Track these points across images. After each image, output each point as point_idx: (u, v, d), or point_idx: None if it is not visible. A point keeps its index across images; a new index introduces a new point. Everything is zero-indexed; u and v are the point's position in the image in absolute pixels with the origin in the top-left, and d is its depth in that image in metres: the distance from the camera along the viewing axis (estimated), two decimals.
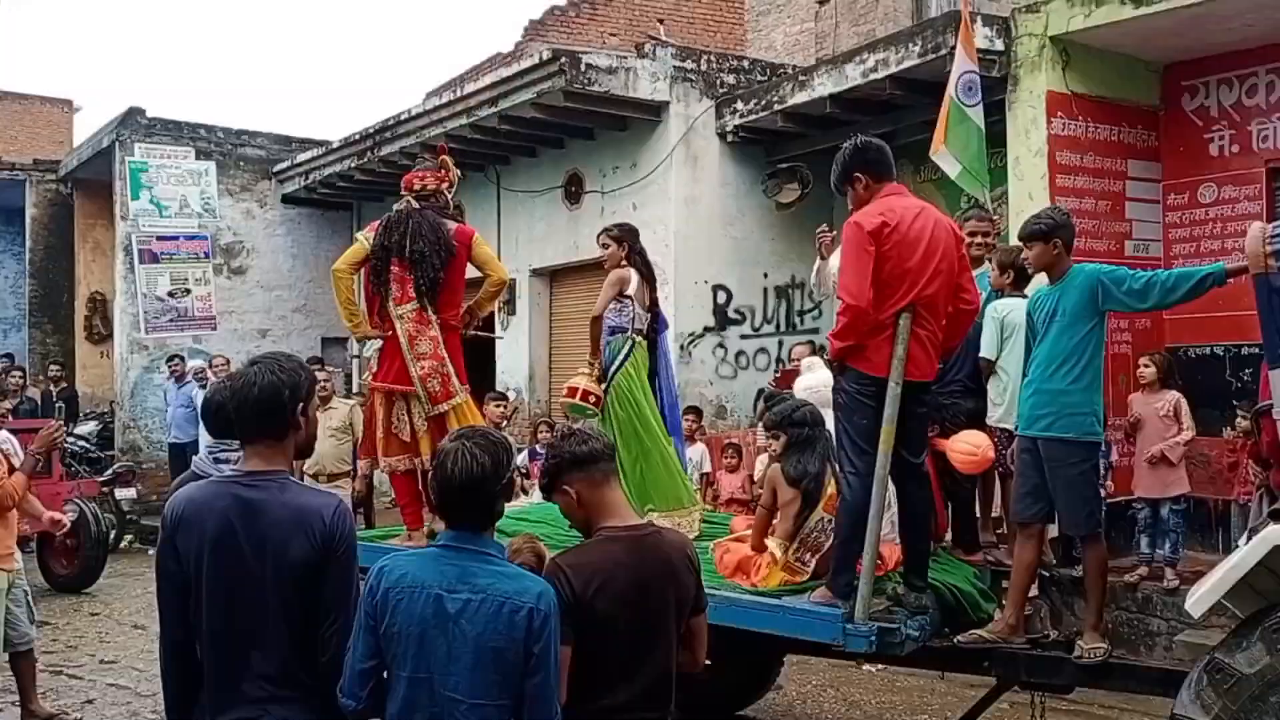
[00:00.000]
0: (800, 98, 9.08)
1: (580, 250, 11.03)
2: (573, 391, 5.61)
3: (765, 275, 10.23)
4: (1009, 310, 5.06)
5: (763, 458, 5.74)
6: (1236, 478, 6.64)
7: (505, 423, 8.85)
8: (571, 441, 2.78)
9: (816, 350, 9.55)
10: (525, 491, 7.93)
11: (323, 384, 8.90)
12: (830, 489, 4.36)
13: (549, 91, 9.64)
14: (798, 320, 10.37)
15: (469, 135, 11.04)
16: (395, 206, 5.34)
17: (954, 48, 7.68)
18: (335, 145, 13.42)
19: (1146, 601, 6.37)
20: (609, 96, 9.71)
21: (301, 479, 8.48)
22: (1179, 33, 7.19)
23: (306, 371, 2.70)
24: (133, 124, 13.88)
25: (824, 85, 8.86)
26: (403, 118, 11.88)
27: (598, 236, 5.81)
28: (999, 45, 7.72)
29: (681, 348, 9.77)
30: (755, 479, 8.03)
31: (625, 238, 5.65)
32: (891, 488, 4.21)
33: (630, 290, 5.55)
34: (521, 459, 8.51)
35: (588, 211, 10.93)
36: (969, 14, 6.32)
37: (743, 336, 10.11)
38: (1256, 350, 5.49)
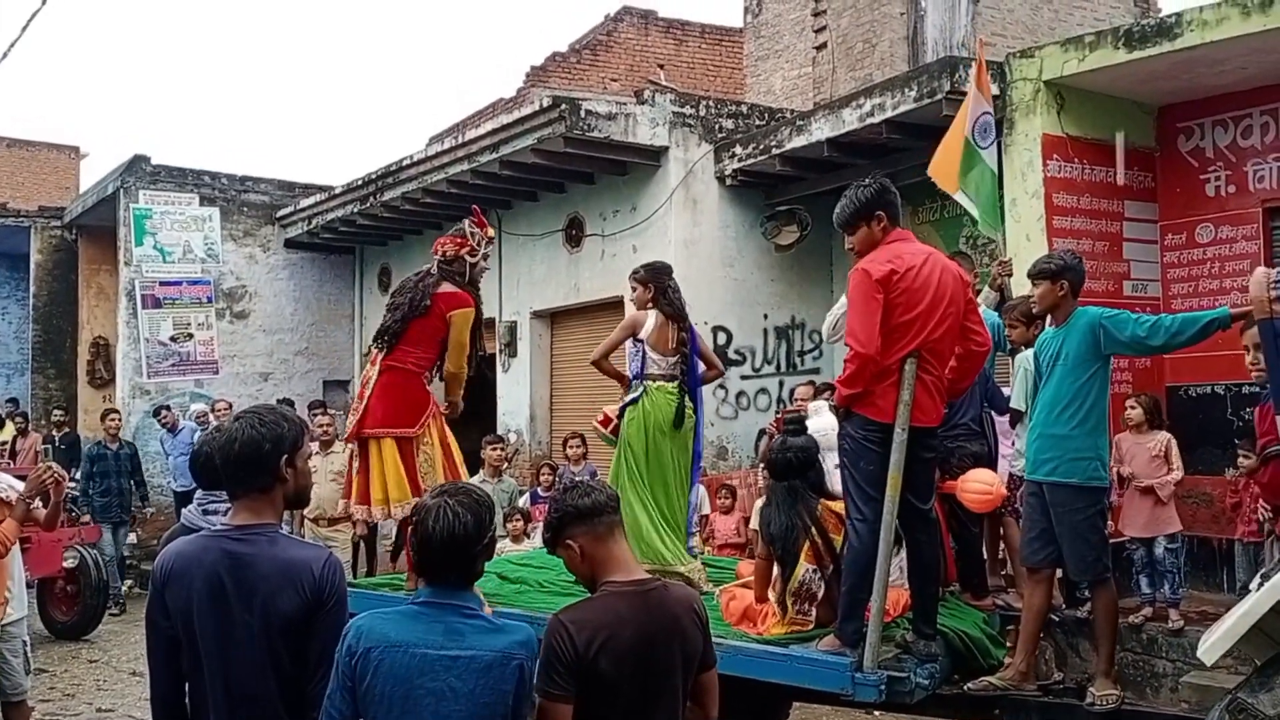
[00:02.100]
0: (798, 142, 9.15)
1: (581, 292, 11.07)
2: (605, 421, 5.64)
3: (765, 316, 10.25)
4: None
5: (759, 502, 5.72)
6: (1240, 516, 6.59)
7: (506, 465, 8.83)
8: (574, 494, 2.74)
9: (819, 391, 9.57)
10: (528, 535, 7.90)
11: (325, 428, 8.93)
12: (806, 542, 4.31)
13: (549, 138, 9.73)
14: (798, 361, 10.37)
15: (470, 180, 11.13)
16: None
17: (950, 92, 7.78)
18: (338, 190, 13.53)
19: (1151, 643, 6.29)
20: (609, 142, 9.80)
21: (302, 523, 8.53)
22: (1173, 76, 7.26)
23: (292, 423, 2.69)
24: (137, 171, 14.03)
25: (821, 129, 8.93)
26: (405, 163, 11.99)
27: (630, 278, 5.65)
28: (994, 90, 7.78)
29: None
30: (751, 522, 7.97)
31: (651, 279, 5.46)
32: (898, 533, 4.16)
33: (643, 334, 5.36)
34: (523, 501, 8.48)
35: (588, 254, 10.99)
36: (984, 56, 6.35)
37: (743, 377, 10.11)
38: (1257, 389, 5.48)
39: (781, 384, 10.17)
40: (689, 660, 2.67)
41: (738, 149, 9.87)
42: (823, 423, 4.94)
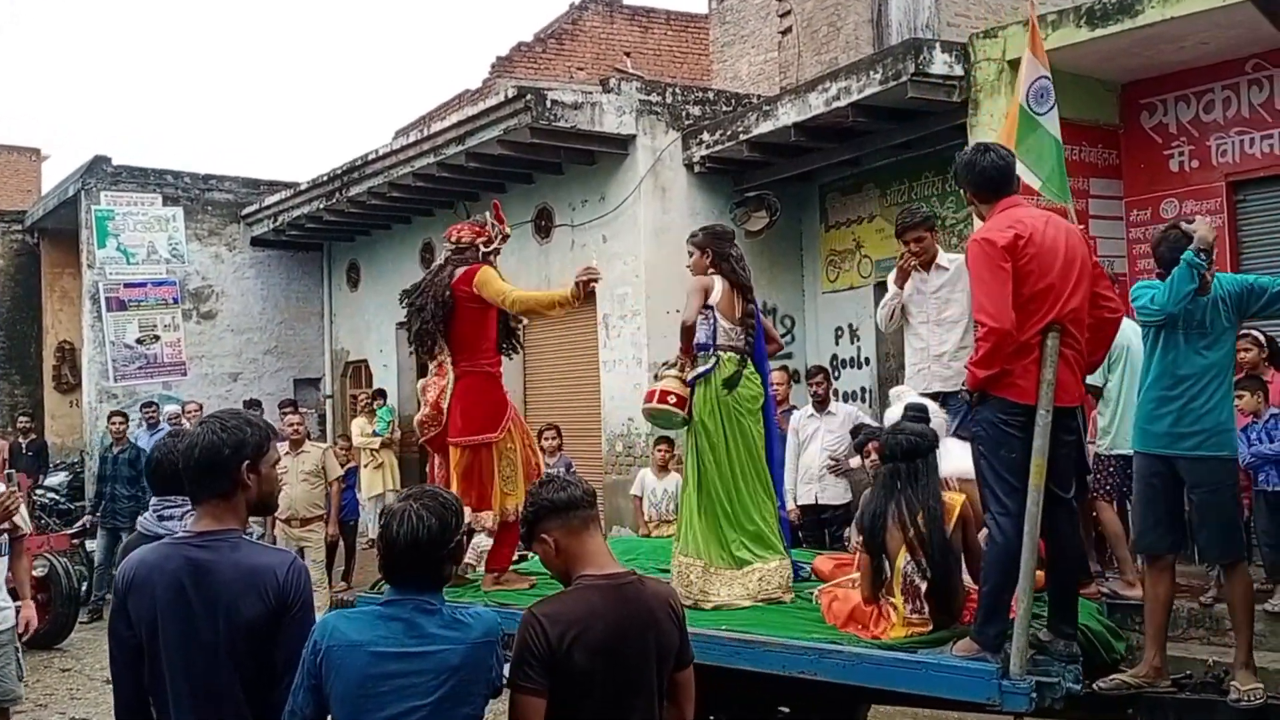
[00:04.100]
0: (765, 127, 9.13)
1: (552, 283, 11.00)
2: (650, 395, 4.87)
3: None
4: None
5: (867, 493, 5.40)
6: None
7: None
8: (549, 489, 2.71)
9: (792, 376, 9.56)
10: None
11: (295, 427, 8.83)
12: (899, 533, 3.94)
13: (516, 128, 9.66)
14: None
15: (437, 173, 11.04)
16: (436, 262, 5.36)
17: (914, 74, 7.78)
18: (303, 187, 13.39)
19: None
20: (575, 131, 9.73)
21: (274, 525, 8.44)
22: (1135, 53, 7.29)
23: (256, 428, 2.65)
24: (98, 172, 13.81)
25: (788, 114, 8.92)
26: (370, 158, 11.88)
27: (687, 241, 5.17)
28: (958, 70, 7.80)
29: (655, 377, 9.72)
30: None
31: (708, 244, 5.00)
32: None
33: (713, 299, 4.83)
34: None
35: (558, 245, 10.93)
36: (1035, 18, 6.15)
37: None
38: None
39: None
40: (664, 655, 2.65)
41: (705, 136, 9.84)
42: (900, 410, 4.56)
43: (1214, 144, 7.58)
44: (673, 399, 4.75)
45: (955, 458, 4.21)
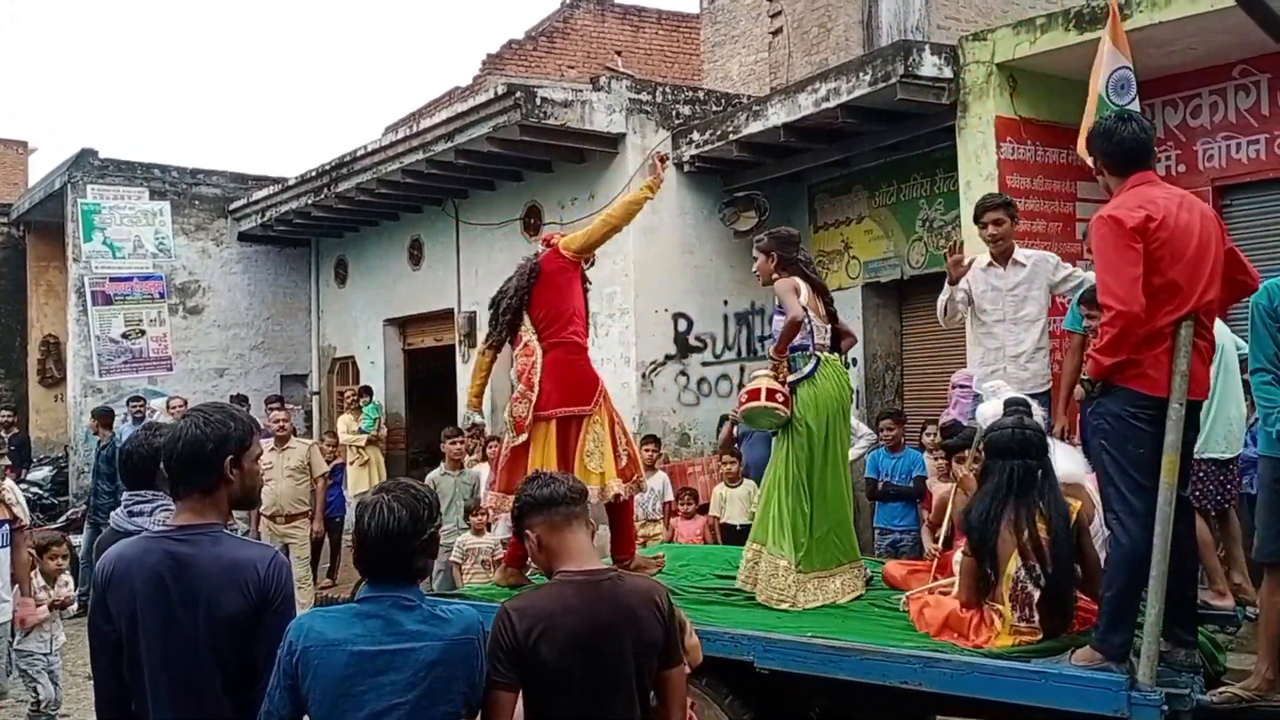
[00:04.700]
0: (755, 127, 9.14)
1: None
2: (754, 394, 4.66)
3: (725, 302, 10.25)
4: None
5: (947, 488, 5.05)
6: None
7: (469, 457, 8.75)
8: (533, 485, 2.77)
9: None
10: (488, 527, 7.85)
11: (281, 423, 8.80)
12: (1012, 536, 3.74)
13: (505, 125, 9.64)
14: (758, 346, 10.38)
15: (426, 170, 11.01)
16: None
17: (904, 76, 7.79)
18: (292, 182, 13.34)
19: None
20: (565, 129, 9.72)
21: (258, 521, 8.41)
22: None
23: (239, 422, 2.65)
24: (85, 165, 13.75)
25: (777, 115, 8.92)
26: (359, 154, 11.84)
27: (754, 246, 5.11)
28: (948, 73, 7.82)
29: (643, 376, 9.75)
30: (710, 524, 7.91)
31: (773, 248, 4.92)
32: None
33: (803, 299, 4.72)
34: (484, 492, 8.41)
35: None
36: (1116, 6, 5.98)
37: (704, 364, 10.10)
38: None
39: (742, 369, 10.17)
40: (644, 651, 2.64)
41: (695, 135, 9.84)
42: (1001, 405, 4.38)
43: (1201, 148, 7.62)
44: (780, 397, 4.61)
45: (1059, 460, 4.00)
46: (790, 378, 4.66)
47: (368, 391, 12.38)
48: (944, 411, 7.45)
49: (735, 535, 7.78)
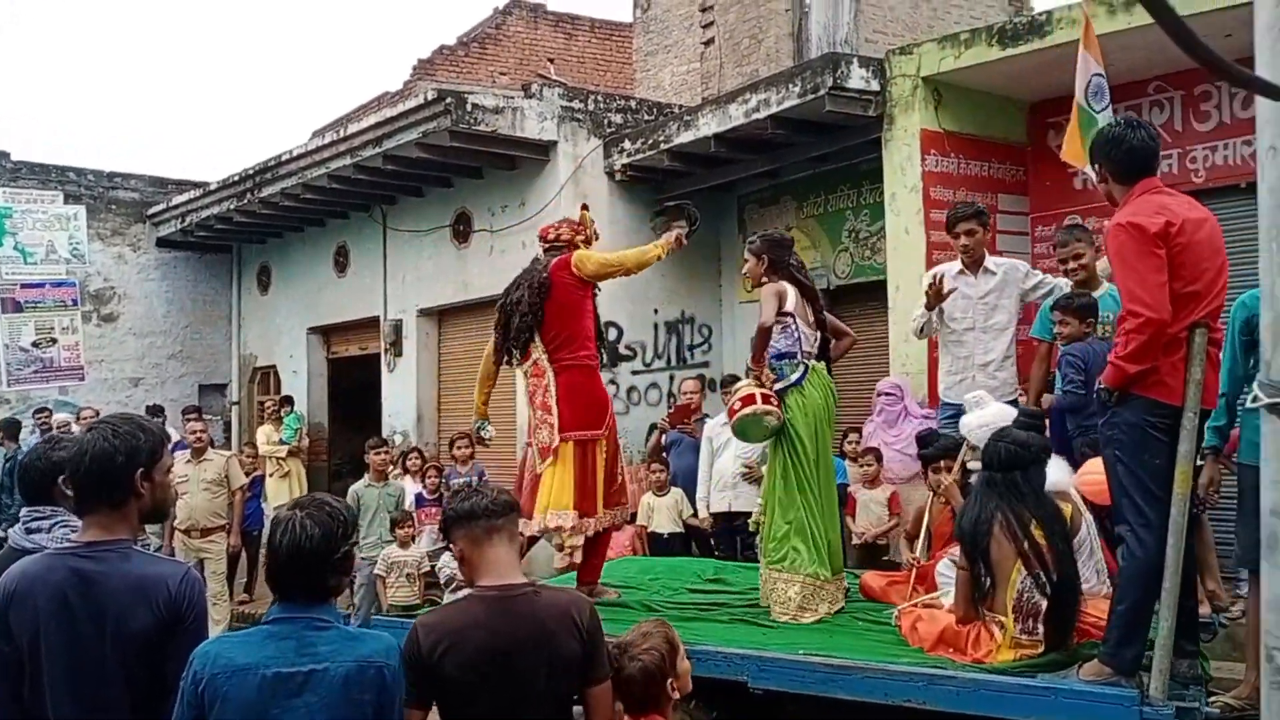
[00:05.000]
0: (686, 137, 9.16)
1: (469, 289, 10.89)
2: (748, 399, 4.60)
3: (655, 311, 10.24)
4: None
5: (924, 498, 4.96)
6: None
7: (392, 468, 8.60)
8: (457, 498, 2.77)
9: (706, 385, 9.60)
10: (414, 539, 7.72)
11: (198, 434, 8.55)
12: (1007, 542, 3.65)
13: (435, 131, 9.52)
14: (688, 355, 10.40)
15: (353, 175, 10.83)
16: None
17: (833, 88, 7.87)
18: (214, 187, 13.03)
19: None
20: (496, 136, 9.63)
21: (172, 535, 8.15)
22: (1043, 72, 7.48)
23: (149, 434, 2.56)
24: None
25: (708, 125, 8.95)
26: (284, 158, 11.60)
27: (746, 248, 5.01)
28: (875, 86, 7.93)
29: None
30: (639, 533, 7.85)
31: (765, 251, 4.87)
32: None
33: (789, 306, 4.69)
34: (410, 503, 8.27)
35: (476, 250, 10.80)
36: (1088, 14, 6.01)
37: (634, 372, 10.08)
38: None
39: (672, 378, 10.18)
40: (559, 669, 2.60)
41: (627, 144, 9.83)
42: (992, 413, 4.35)
43: None
44: (773, 401, 4.56)
45: (1050, 470, 3.99)
46: (778, 385, 4.64)
47: (289, 401, 12.12)
48: (868, 419, 7.54)
49: (663, 544, 7.77)
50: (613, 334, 9.95)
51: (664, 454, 8.22)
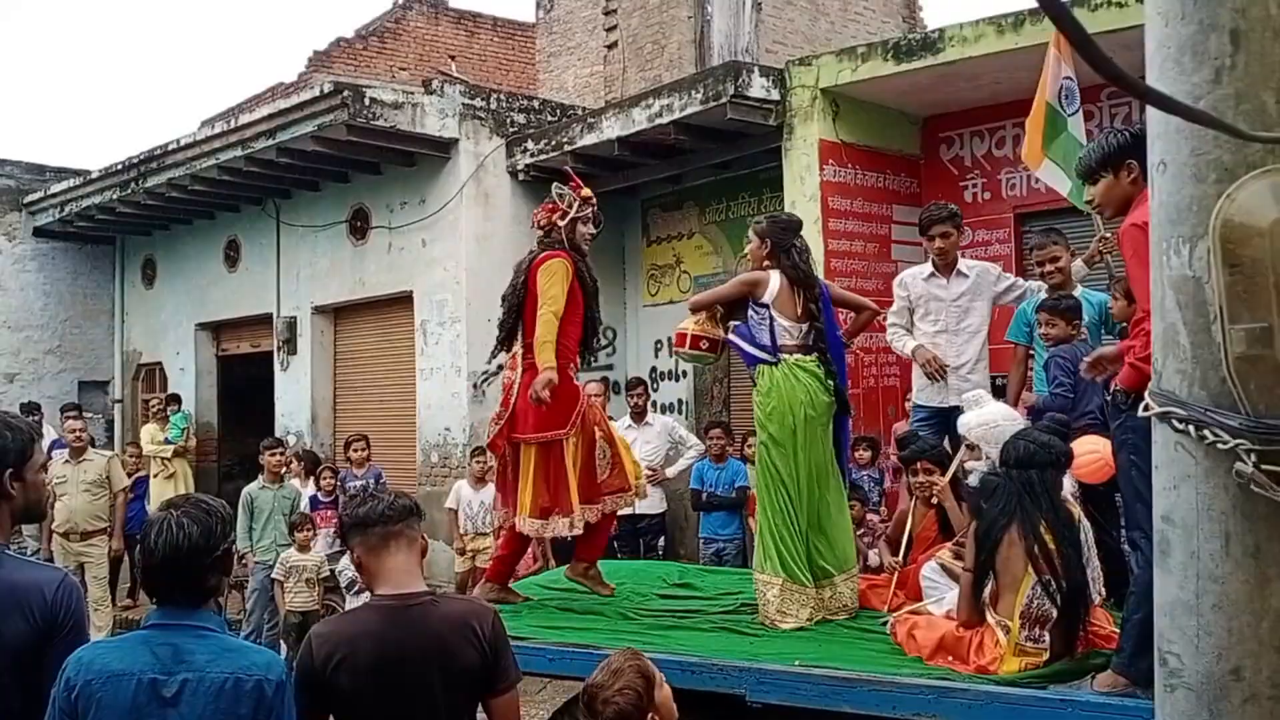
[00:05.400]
0: (589, 139, 9.18)
1: (366, 287, 10.70)
2: (681, 339, 4.57)
3: None
4: None
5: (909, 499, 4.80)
6: None
7: (285, 470, 8.37)
8: (353, 503, 2.70)
9: (611, 387, 9.62)
10: (309, 545, 7.52)
11: (77, 433, 8.19)
12: (1021, 541, 3.50)
13: (331, 125, 9.32)
14: (591, 358, 10.39)
15: (245, 168, 10.52)
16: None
17: (734, 96, 7.99)
18: (95, 175, 12.50)
19: None
20: (395, 132, 9.48)
21: (50, 539, 7.79)
22: (935, 88, 7.74)
23: (17, 432, 2.44)
24: None
25: (612, 128, 8.99)
26: (171, 148, 11.19)
27: (751, 228, 4.81)
28: (775, 95, 8.07)
29: (475, 385, 9.60)
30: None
31: (770, 233, 4.57)
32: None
33: (767, 297, 4.41)
34: (305, 505, 8.06)
35: (374, 247, 10.61)
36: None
37: None
38: None
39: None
40: (455, 680, 2.54)
41: (529, 144, 9.79)
42: (992, 413, 4.19)
43: (1004, 178, 8.14)
44: (705, 344, 4.60)
45: None
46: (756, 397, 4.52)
47: (175, 399, 11.70)
48: None
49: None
50: None
51: None
